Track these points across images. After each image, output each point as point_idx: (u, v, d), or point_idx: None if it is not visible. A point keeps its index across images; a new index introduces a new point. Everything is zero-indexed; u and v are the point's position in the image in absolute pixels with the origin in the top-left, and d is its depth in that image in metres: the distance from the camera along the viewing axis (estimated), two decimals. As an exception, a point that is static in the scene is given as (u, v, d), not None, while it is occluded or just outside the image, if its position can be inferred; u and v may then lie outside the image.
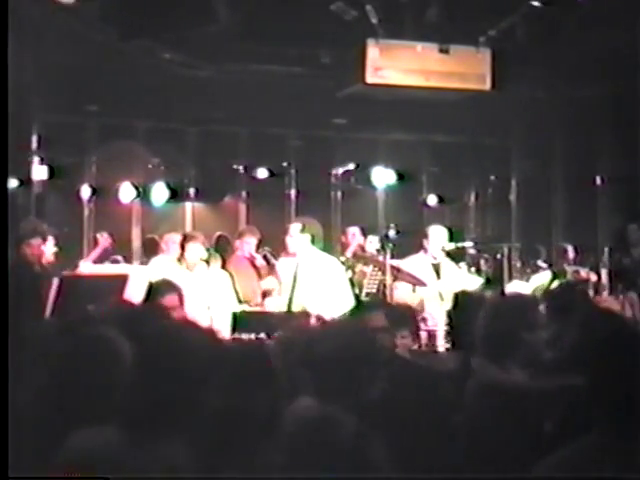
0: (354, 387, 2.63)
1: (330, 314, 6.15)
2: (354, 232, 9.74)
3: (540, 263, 9.66)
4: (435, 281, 7.82)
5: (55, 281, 6.21)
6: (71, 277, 7.26)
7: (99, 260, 8.86)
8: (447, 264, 8.14)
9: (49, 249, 7.51)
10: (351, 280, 7.96)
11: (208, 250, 7.73)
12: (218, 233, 9.54)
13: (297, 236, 7.13)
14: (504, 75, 10.26)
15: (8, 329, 3.21)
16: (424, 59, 10.07)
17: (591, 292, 8.68)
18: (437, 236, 7.99)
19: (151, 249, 9.31)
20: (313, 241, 7.15)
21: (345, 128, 11.83)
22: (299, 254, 7.13)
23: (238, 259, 8.65)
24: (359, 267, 8.63)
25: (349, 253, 9.09)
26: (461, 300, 6.70)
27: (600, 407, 2.33)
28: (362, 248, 9.44)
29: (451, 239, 8.12)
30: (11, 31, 4.66)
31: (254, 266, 8.56)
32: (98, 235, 9.00)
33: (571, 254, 9.92)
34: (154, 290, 5.56)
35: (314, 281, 6.96)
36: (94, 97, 10.35)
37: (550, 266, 9.70)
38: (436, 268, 7.91)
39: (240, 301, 7.67)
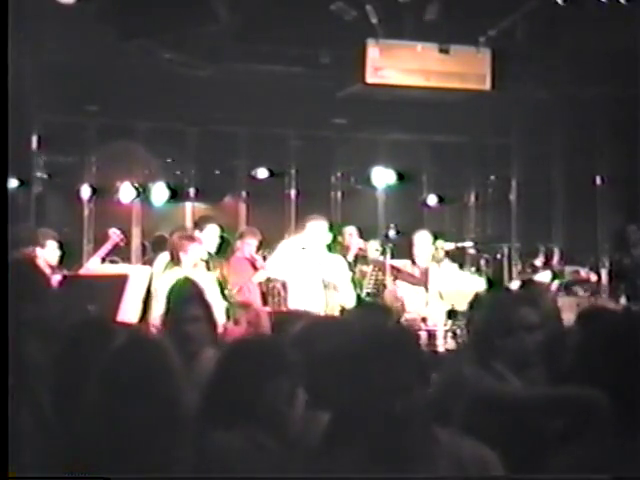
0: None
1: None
2: (351, 232, 9.71)
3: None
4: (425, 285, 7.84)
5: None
6: (71, 277, 7.26)
7: (108, 256, 8.76)
8: (439, 267, 8.15)
9: (53, 253, 7.49)
10: (352, 280, 8.01)
11: (211, 252, 7.69)
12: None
13: (321, 234, 7.24)
14: (504, 75, 10.26)
15: (8, 329, 3.21)
16: (424, 59, 10.07)
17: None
18: (422, 242, 7.99)
19: (160, 247, 9.29)
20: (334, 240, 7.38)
21: (345, 128, 11.82)
22: (313, 251, 7.24)
23: (238, 260, 8.63)
24: (359, 267, 8.66)
25: (350, 257, 9.09)
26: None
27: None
28: (362, 251, 9.40)
29: (435, 242, 8.15)
30: (11, 31, 4.66)
31: (254, 267, 8.55)
32: (110, 231, 8.90)
33: (556, 256, 9.89)
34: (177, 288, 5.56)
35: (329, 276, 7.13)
36: (94, 97, 10.35)
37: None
38: (425, 273, 7.92)
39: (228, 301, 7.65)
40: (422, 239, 7.99)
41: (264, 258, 8.56)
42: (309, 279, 7.24)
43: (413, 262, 7.95)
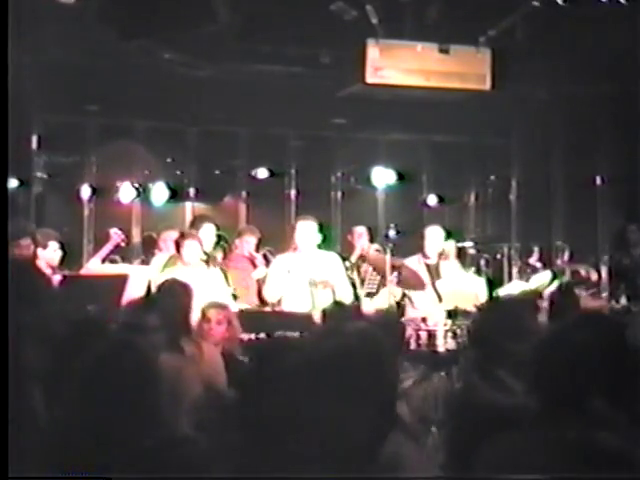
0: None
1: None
2: (361, 232, 9.70)
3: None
4: (432, 282, 7.84)
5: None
6: (71, 277, 7.26)
7: (109, 256, 8.73)
8: (446, 264, 8.15)
9: (55, 254, 7.47)
10: (354, 280, 8.02)
11: (206, 253, 7.69)
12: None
13: (310, 234, 7.24)
14: (504, 75, 10.26)
15: (8, 329, 3.21)
16: (424, 59, 10.06)
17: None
18: (434, 237, 8.00)
19: (149, 247, 9.30)
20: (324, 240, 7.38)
21: (345, 128, 11.82)
22: (306, 251, 7.24)
23: (237, 258, 8.64)
24: (364, 267, 8.67)
25: (353, 258, 9.10)
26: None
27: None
28: (364, 251, 9.39)
29: (448, 240, 8.16)
30: (11, 31, 4.66)
31: (254, 265, 8.55)
32: (111, 231, 8.87)
33: (536, 255, 9.87)
34: (163, 288, 5.58)
35: (323, 276, 7.12)
36: (94, 97, 10.35)
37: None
38: (433, 269, 7.93)
39: (235, 298, 7.66)
40: (433, 234, 8.00)
41: (264, 256, 8.57)
42: (300, 279, 7.23)
43: (424, 256, 7.96)
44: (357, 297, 7.83)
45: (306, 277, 7.17)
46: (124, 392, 2.61)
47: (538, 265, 9.65)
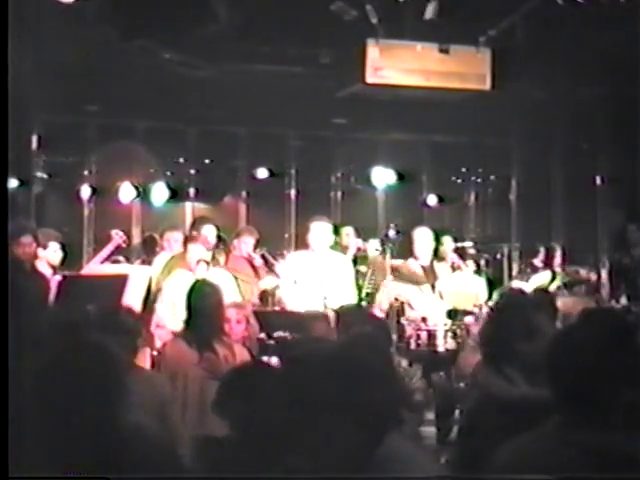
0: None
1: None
2: (348, 232, 9.72)
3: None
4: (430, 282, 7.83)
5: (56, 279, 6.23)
6: (71, 277, 7.25)
7: (109, 257, 8.71)
8: (441, 265, 8.15)
9: (55, 254, 7.46)
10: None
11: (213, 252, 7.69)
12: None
13: (324, 235, 7.24)
14: (504, 75, 10.26)
15: (8, 328, 3.21)
16: (424, 59, 10.06)
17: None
18: (422, 238, 7.97)
19: (150, 247, 9.30)
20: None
21: (345, 128, 11.82)
22: (319, 252, 7.24)
23: (235, 259, 8.63)
24: (358, 267, 8.66)
25: (349, 256, 9.09)
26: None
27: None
28: (361, 251, 9.41)
29: (437, 240, 8.15)
30: (11, 31, 4.66)
31: (252, 266, 8.54)
32: (112, 232, 8.84)
33: (542, 255, 9.86)
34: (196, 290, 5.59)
35: (334, 277, 7.12)
36: (94, 97, 10.35)
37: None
38: (428, 270, 7.91)
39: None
40: (422, 235, 7.97)
41: (262, 256, 8.55)
42: (310, 281, 7.21)
43: (415, 259, 7.94)
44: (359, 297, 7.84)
45: (318, 278, 7.14)
46: (127, 392, 2.61)
47: (539, 265, 9.65)
